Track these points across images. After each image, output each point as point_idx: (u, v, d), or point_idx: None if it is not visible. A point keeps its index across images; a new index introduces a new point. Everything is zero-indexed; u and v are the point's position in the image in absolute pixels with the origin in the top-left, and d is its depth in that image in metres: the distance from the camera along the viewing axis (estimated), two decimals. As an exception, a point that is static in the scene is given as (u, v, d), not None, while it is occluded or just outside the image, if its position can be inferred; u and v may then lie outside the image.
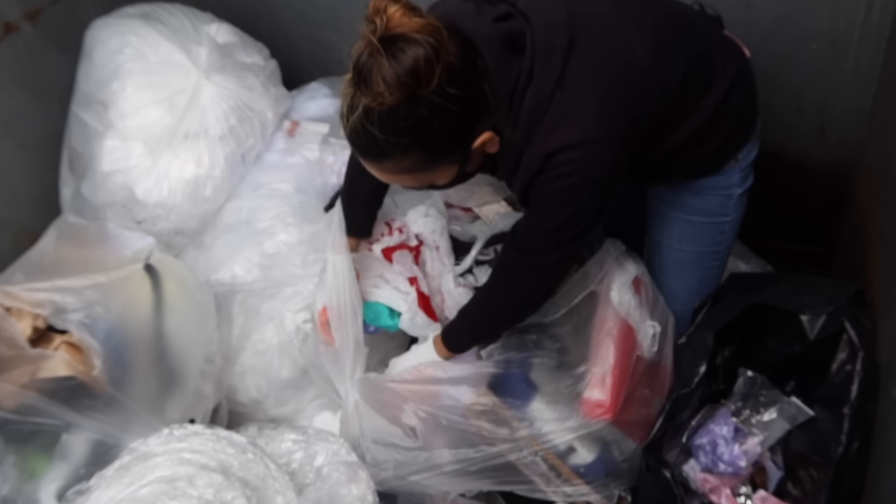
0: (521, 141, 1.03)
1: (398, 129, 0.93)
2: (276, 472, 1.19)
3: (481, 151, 1.05)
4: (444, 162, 1.02)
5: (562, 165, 1.01)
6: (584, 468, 1.23)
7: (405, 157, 0.97)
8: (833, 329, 1.18)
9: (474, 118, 1.00)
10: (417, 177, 1.04)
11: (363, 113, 0.93)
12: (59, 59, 1.64)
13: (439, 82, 0.91)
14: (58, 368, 1.18)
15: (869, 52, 1.44)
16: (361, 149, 1.00)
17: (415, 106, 0.92)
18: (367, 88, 0.91)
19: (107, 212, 1.52)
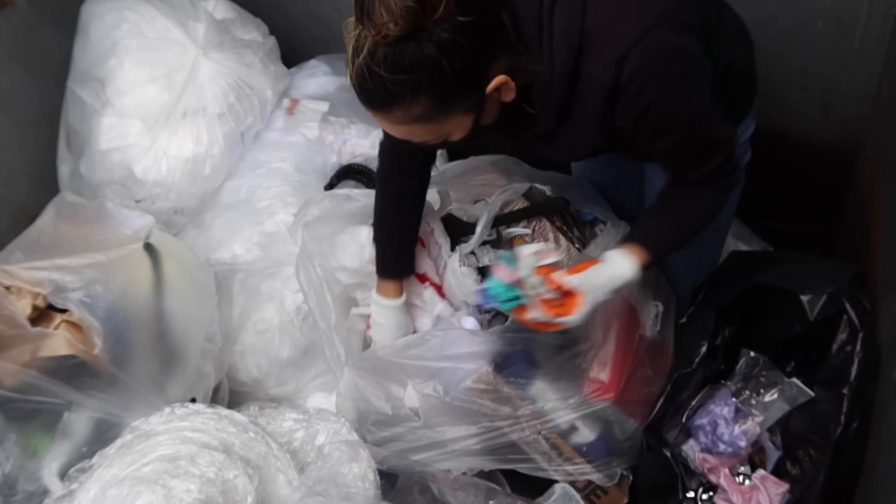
0: (563, 70, 0.96)
1: (405, 66, 0.87)
2: (277, 451, 1.19)
3: (497, 100, 0.98)
4: (456, 108, 0.94)
5: (640, 69, 0.94)
6: (585, 447, 1.23)
7: (415, 102, 0.91)
8: (833, 310, 1.18)
9: (487, 56, 0.92)
10: (430, 127, 0.96)
11: (368, 53, 0.88)
12: (55, 34, 1.62)
13: (447, 10, 0.85)
14: (58, 347, 1.18)
15: (875, 30, 1.42)
16: (369, 94, 0.93)
17: (422, 40, 0.86)
18: (371, 21, 0.86)
19: (105, 190, 1.51)
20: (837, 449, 1.11)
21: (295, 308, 1.47)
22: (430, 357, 1.23)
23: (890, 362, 1.10)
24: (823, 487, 1.10)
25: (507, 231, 1.40)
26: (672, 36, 0.95)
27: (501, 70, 0.95)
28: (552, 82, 0.97)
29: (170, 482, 1.07)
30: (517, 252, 1.11)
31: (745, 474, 1.23)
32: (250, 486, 1.11)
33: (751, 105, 1.21)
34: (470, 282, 1.31)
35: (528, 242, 1.39)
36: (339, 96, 1.66)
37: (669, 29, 0.95)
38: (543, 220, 1.38)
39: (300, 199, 1.53)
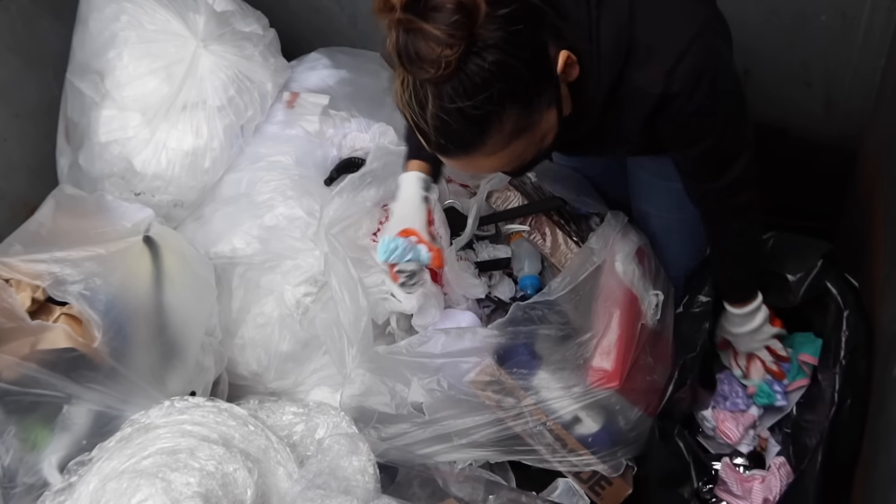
0: (608, 76, 0.96)
1: (479, 86, 0.82)
2: (277, 445, 1.19)
3: (565, 85, 0.93)
4: (541, 105, 0.89)
5: (687, 79, 0.95)
6: (590, 438, 1.24)
7: (504, 118, 0.85)
8: (819, 290, 1.20)
9: (542, 38, 0.88)
10: (527, 139, 0.90)
11: (437, 98, 0.82)
12: (54, 25, 1.61)
13: (488, 9, 0.81)
14: (58, 340, 1.18)
15: (879, 24, 1.42)
16: (457, 137, 0.86)
17: (479, 51, 0.81)
18: (423, 62, 0.80)
19: (105, 183, 1.51)
20: (833, 428, 1.12)
21: (295, 302, 1.47)
22: (433, 353, 1.23)
23: (889, 358, 1.10)
24: (822, 467, 1.10)
25: (506, 227, 1.40)
26: (713, 44, 0.98)
27: (561, 45, 0.91)
28: (599, 85, 0.97)
29: (169, 475, 1.07)
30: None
31: (745, 465, 1.23)
32: (250, 479, 1.11)
33: None
34: (468, 275, 1.32)
35: (526, 238, 1.39)
36: (339, 90, 1.65)
37: (710, 37, 0.98)
38: (541, 216, 1.39)
39: (300, 192, 1.52)
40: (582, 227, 1.42)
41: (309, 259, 1.48)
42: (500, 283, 1.38)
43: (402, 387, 1.26)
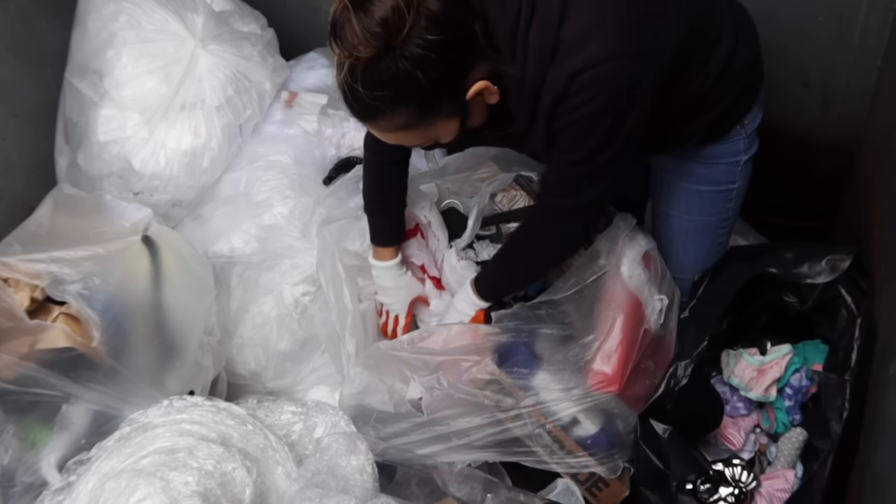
0: (533, 77, 0.99)
1: (380, 83, 0.92)
2: (275, 444, 1.20)
3: (481, 103, 1.02)
4: (438, 115, 0.98)
5: (587, 88, 0.97)
6: (588, 440, 1.24)
7: (396, 113, 0.96)
8: (830, 295, 1.20)
9: (463, 66, 0.97)
10: (417, 133, 1.01)
11: (347, 71, 0.93)
12: (52, 25, 1.61)
13: (415, 30, 0.89)
14: (57, 339, 1.18)
15: (876, 24, 1.42)
16: (353, 109, 0.99)
17: (393, 58, 0.90)
18: (343, 44, 0.91)
19: (103, 182, 1.51)
20: (844, 435, 1.12)
21: (293, 301, 1.47)
22: (433, 351, 1.23)
23: (886, 356, 1.11)
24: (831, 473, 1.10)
25: (507, 227, 1.40)
26: (631, 74, 0.98)
27: (481, 75, 0.98)
28: (524, 88, 1.01)
29: (168, 474, 1.07)
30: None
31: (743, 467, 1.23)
32: (248, 478, 1.11)
33: (756, 96, 1.21)
34: (469, 274, 1.32)
35: None
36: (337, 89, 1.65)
37: (632, 67, 0.98)
38: None
39: (298, 191, 1.53)
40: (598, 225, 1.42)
41: (307, 258, 1.48)
42: None
43: (400, 385, 1.27)
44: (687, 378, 1.20)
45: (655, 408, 1.22)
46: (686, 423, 1.23)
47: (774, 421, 1.27)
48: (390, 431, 1.28)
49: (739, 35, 1.14)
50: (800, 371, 1.26)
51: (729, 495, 1.19)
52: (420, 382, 1.23)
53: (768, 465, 1.26)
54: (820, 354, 1.26)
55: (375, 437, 1.29)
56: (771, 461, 1.25)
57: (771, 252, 1.28)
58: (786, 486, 1.19)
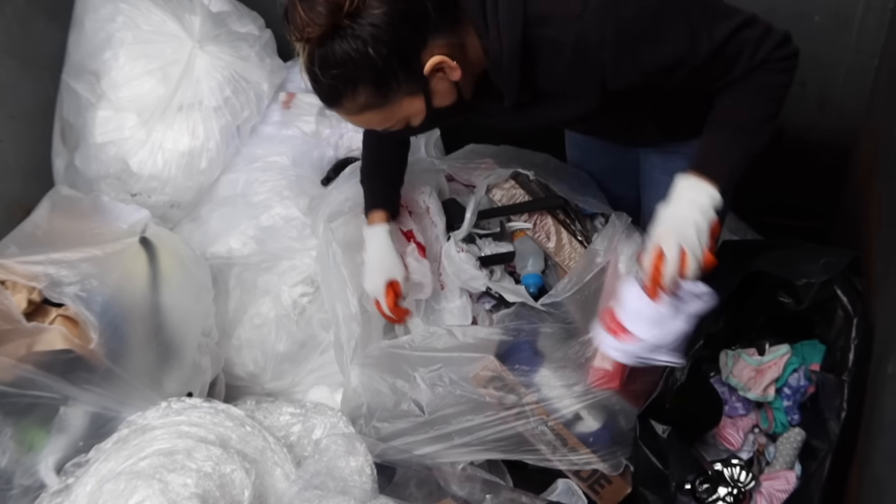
0: (510, 43, 0.97)
1: (334, 62, 0.93)
2: (274, 445, 1.19)
3: (445, 80, 1.00)
4: (397, 93, 0.97)
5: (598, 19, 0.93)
6: (591, 437, 1.24)
7: (356, 93, 0.96)
8: (826, 295, 1.19)
9: (414, 41, 0.95)
10: (382, 114, 1.00)
11: (306, 56, 0.94)
12: (49, 26, 1.60)
13: (361, 8, 0.90)
14: (54, 342, 1.18)
15: (873, 24, 1.43)
16: (317, 94, 0.99)
17: (343, 36, 0.91)
18: (293, 27, 0.93)
19: (101, 184, 1.51)
20: (842, 435, 1.12)
21: (291, 302, 1.47)
22: (436, 348, 1.23)
23: (884, 355, 1.11)
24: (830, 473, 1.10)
25: (510, 225, 1.41)
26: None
27: (438, 51, 0.97)
28: (502, 58, 0.99)
29: (166, 476, 1.07)
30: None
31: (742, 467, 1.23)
32: (247, 480, 1.11)
33: None
34: (469, 267, 1.32)
35: (528, 236, 1.40)
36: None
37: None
38: (546, 215, 1.39)
39: (296, 192, 1.52)
40: (587, 226, 1.43)
41: (305, 259, 1.48)
42: (501, 280, 1.39)
43: (402, 383, 1.27)
44: (685, 377, 1.20)
45: (654, 407, 1.22)
46: (685, 423, 1.23)
47: (773, 421, 1.27)
48: (391, 431, 1.28)
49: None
50: (798, 371, 1.26)
51: (727, 495, 1.19)
52: (423, 379, 1.23)
53: (767, 465, 1.26)
54: (817, 354, 1.26)
55: (376, 437, 1.29)
56: (769, 461, 1.25)
57: (765, 250, 1.28)
58: (787, 488, 1.19)
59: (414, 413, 1.26)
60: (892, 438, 0.98)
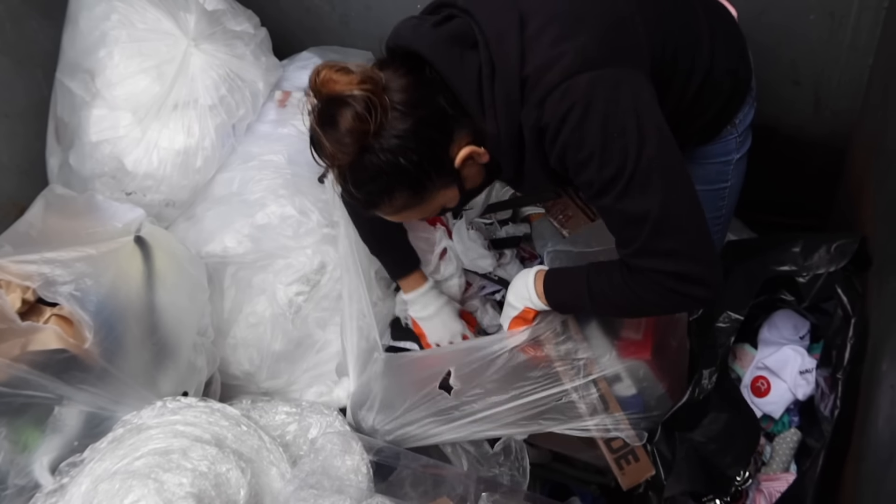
0: (508, 126, 0.99)
1: (367, 179, 0.97)
2: (270, 445, 1.19)
3: (474, 165, 1.03)
4: (433, 190, 1.02)
5: (558, 104, 0.93)
6: (629, 399, 1.21)
7: (392, 199, 1.00)
8: (826, 294, 1.20)
9: (442, 140, 0.99)
10: (419, 209, 1.05)
11: (339, 178, 0.99)
12: (43, 24, 1.60)
13: (382, 126, 0.94)
14: (49, 341, 1.17)
15: (867, 23, 1.43)
16: (356, 204, 1.05)
17: (372, 154, 0.95)
18: (323, 155, 0.98)
19: (95, 183, 1.50)
20: (836, 433, 1.12)
21: (287, 301, 1.47)
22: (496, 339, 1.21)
23: (878, 354, 1.11)
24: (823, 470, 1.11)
25: (523, 210, 1.44)
26: (597, 82, 0.93)
27: (465, 142, 1.00)
28: (501, 139, 1.01)
29: (162, 476, 1.07)
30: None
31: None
32: (243, 479, 1.11)
33: (747, 92, 1.20)
34: (477, 246, 1.34)
35: (545, 217, 1.41)
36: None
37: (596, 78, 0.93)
38: (566, 197, 1.41)
39: (292, 191, 1.52)
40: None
41: (301, 258, 1.47)
42: (509, 264, 1.40)
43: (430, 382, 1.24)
44: (712, 385, 1.20)
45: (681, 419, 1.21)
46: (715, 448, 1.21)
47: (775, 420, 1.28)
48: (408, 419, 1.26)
49: (716, 45, 1.12)
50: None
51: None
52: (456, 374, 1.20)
53: (763, 465, 1.26)
54: (817, 352, 1.27)
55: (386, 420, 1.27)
56: (766, 461, 1.26)
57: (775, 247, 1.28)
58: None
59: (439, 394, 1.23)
60: (886, 436, 0.99)
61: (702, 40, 1.11)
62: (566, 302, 1.13)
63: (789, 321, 1.31)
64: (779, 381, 1.27)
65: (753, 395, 1.30)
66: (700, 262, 0.96)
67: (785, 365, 1.26)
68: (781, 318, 1.31)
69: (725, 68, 1.14)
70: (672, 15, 1.08)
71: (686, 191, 0.96)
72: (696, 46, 1.10)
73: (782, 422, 1.28)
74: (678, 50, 1.06)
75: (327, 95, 0.95)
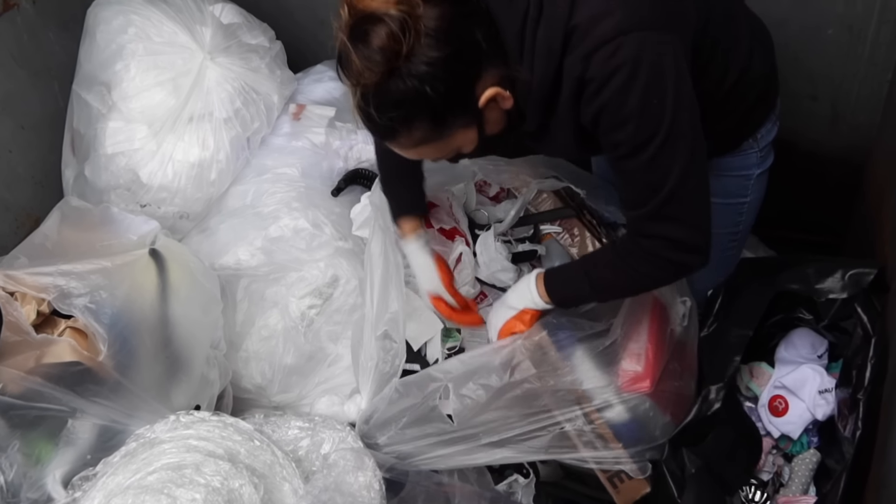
0: (542, 74, 0.98)
1: (391, 104, 0.94)
2: (283, 460, 1.19)
3: (496, 109, 1.01)
4: (453, 127, 0.99)
5: (605, 64, 0.93)
6: (623, 427, 1.19)
7: (412, 129, 0.97)
8: (845, 313, 1.19)
9: (470, 75, 0.97)
10: (436, 146, 1.02)
11: (360, 97, 0.96)
12: (60, 37, 1.61)
13: (415, 49, 0.91)
14: (63, 353, 1.17)
15: (886, 37, 1.42)
16: (372, 131, 1.02)
17: (399, 78, 0.92)
18: (349, 73, 0.94)
19: (110, 195, 1.51)
20: (857, 454, 1.10)
21: (299, 314, 1.47)
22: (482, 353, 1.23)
23: (900, 374, 1.10)
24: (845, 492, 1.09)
25: (544, 228, 1.42)
26: (647, 45, 0.94)
27: (491, 83, 0.98)
28: (532, 86, 1.00)
29: (175, 491, 1.06)
30: None
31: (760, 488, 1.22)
32: (256, 495, 1.10)
33: (769, 109, 1.20)
34: (501, 258, 1.34)
35: (555, 238, 1.41)
36: (345, 101, 1.65)
37: (645, 39, 0.94)
38: (572, 216, 1.41)
39: (306, 204, 1.52)
40: (611, 233, 1.43)
41: (314, 271, 1.47)
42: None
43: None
44: (720, 402, 1.19)
45: (688, 435, 1.19)
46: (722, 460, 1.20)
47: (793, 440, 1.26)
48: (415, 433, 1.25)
49: (755, 46, 1.13)
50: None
51: (741, 515, 1.18)
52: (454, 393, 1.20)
53: (781, 486, 1.24)
54: (835, 371, 1.25)
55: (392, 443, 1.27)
56: (784, 483, 1.24)
57: (789, 267, 1.27)
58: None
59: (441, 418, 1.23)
60: (910, 459, 0.97)
61: (742, 38, 1.11)
62: (568, 294, 1.18)
63: (807, 340, 1.29)
64: (797, 401, 1.25)
65: (771, 415, 1.28)
66: (700, 231, 1.03)
67: (803, 384, 1.24)
68: (799, 336, 1.30)
69: (760, 72, 1.14)
70: (717, 6, 1.08)
71: (701, 161, 1.01)
72: (736, 42, 1.10)
73: (801, 442, 1.26)
74: (719, 37, 1.07)
75: (362, 11, 0.92)
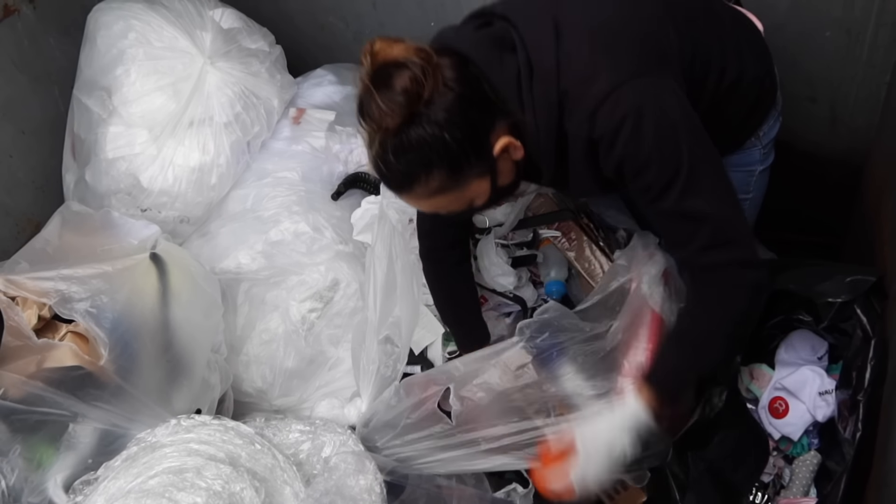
0: (547, 129, 1.01)
1: (412, 148, 0.96)
2: (284, 463, 1.19)
3: (508, 160, 1.04)
4: (469, 175, 1.01)
5: (609, 119, 0.96)
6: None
7: (429, 177, 0.99)
8: (845, 315, 1.19)
9: (485, 123, 1.00)
10: (452, 196, 1.03)
11: (379, 145, 0.97)
12: (60, 42, 1.62)
13: (435, 95, 0.94)
14: (64, 358, 1.17)
15: (884, 40, 1.42)
16: (389, 181, 1.02)
17: (419, 123, 0.95)
18: (370, 119, 0.96)
19: (111, 199, 1.51)
20: (857, 456, 1.10)
21: (300, 318, 1.47)
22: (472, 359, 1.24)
23: (900, 376, 1.10)
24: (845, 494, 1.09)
25: (543, 232, 1.43)
26: (642, 91, 0.97)
27: (504, 132, 1.01)
28: (540, 139, 1.03)
29: (176, 495, 1.06)
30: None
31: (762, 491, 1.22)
32: (257, 498, 1.10)
33: (769, 108, 1.21)
34: (502, 262, 1.35)
35: (554, 244, 1.41)
36: (345, 105, 1.66)
37: (640, 85, 0.97)
38: (569, 220, 1.41)
39: (306, 208, 1.52)
40: (610, 237, 1.43)
41: (314, 275, 1.48)
42: (524, 287, 1.40)
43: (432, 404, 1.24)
44: (723, 403, 1.19)
45: (693, 438, 1.19)
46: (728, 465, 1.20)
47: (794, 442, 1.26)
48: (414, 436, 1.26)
49: (745, 52, 1.14)
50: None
51: (742, 516, 1.18)
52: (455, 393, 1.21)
53: (782, 488, 1.25)
54: (835, 373, 1.25)
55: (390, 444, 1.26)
56: (785, 485, 1.24)
57: (788, 270, 1.27)
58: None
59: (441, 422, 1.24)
60: (911, 460, 0.97)
61: (729, 46, 1.12)
62: (678, 387, 1.08)
63: (807, 342, 1.29)
64: (797, 403, 1.25)
65: (771, 416, 1.28)
66: (750, 247, 1.02)
67: (803, 386, 1.24)
68: (799, 338, 1.30)
69: (753, 76, 1.15)
70: (700, 21, 1.11)
71: (728, 181, 1.02)
72: (724, 52, 1.11)
73: (801, 444, 1.26)
74: (708, 53, 1.09)
75: (384, 59, 0.95)
